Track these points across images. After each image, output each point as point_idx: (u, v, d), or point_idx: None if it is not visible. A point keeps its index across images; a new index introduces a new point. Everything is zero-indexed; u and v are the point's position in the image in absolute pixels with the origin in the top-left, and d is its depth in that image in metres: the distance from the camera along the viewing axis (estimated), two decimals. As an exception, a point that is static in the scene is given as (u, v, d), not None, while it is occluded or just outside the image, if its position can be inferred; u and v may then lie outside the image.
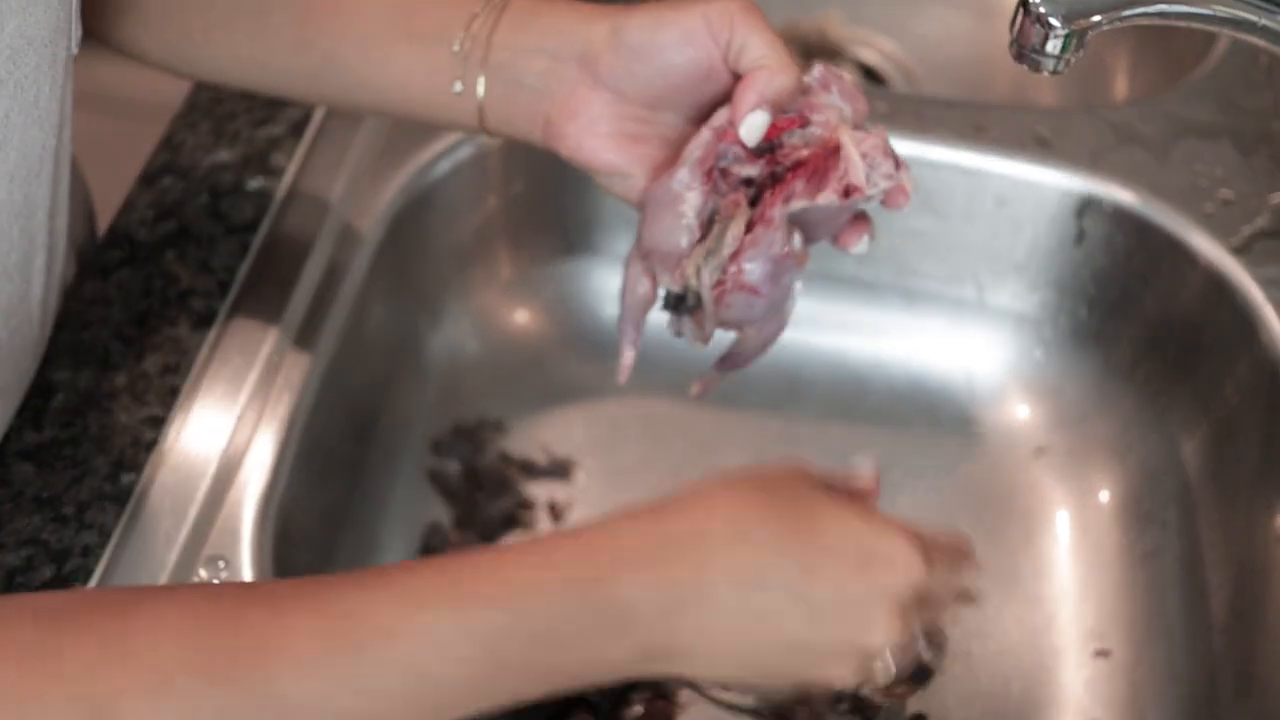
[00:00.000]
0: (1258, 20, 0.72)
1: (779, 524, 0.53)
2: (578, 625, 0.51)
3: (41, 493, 0.70)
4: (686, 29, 0.61)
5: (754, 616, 0.52)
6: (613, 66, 0.62)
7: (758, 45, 0.60)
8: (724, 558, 0.52)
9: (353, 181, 0.86)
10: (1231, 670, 0.80)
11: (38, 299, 0.70)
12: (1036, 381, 0.97)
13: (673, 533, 0.52)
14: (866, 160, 0.61)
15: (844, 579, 0.53)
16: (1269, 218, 0.89)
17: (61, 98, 0.67)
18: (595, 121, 0.63)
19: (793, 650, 0.54)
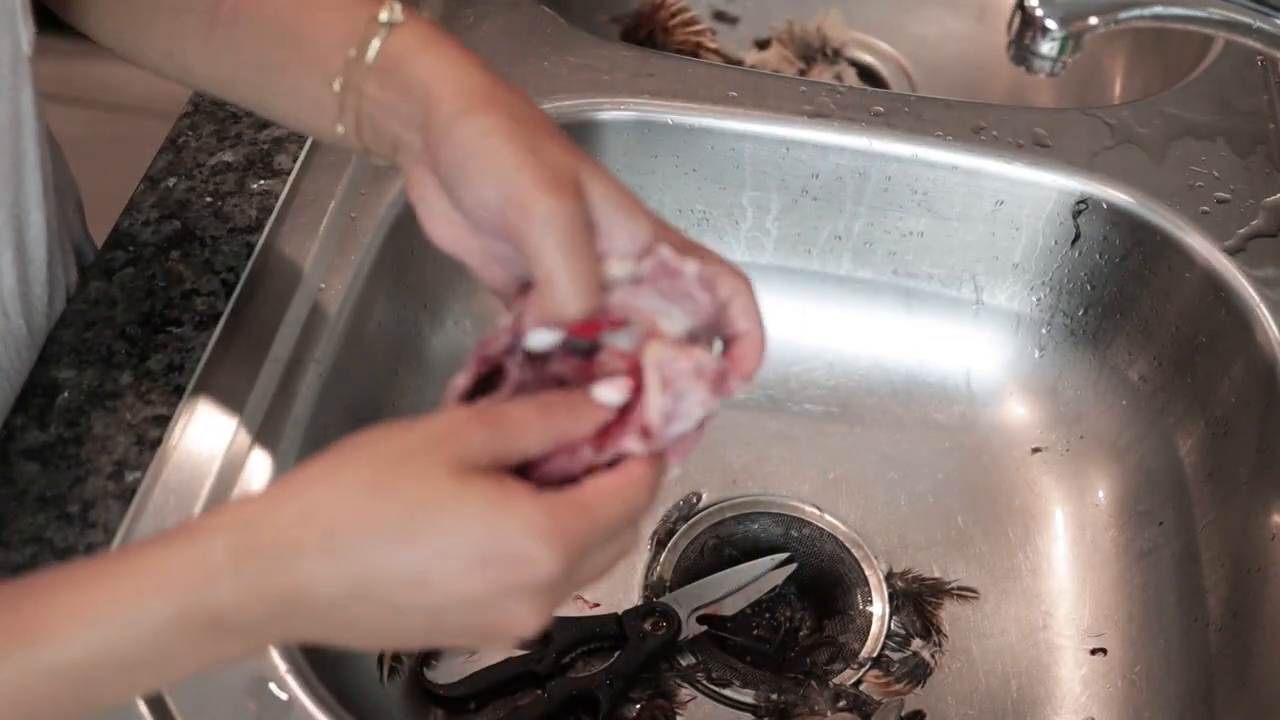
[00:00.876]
0: (1253, 22, 0.73)
1: (381, 531, 0.48)
2: (172, 645, 0.48)
3: (46, 491, 0.70)
4: (482, 198, 0.55)
5: (365, 621, 0.49)
6: (437, 166, 0.57)
7: (547, 259, 0.52)
8: (317, 574, 0.48)
9: (355, 182, 0.87)
10: (1228, 668, 0.80)
11: (10, 291, 0.71)
12: (1034, 381, 0.97)
13: (261, 543, 0.48)
14: (672, 390, 0.53)
15: (460, 583, 0.48)
16: (1265, 218, 0.90)
17: (15, 99, 0.67)
18: (430, 202, 0.58)
19: (426, 635, 0.51)
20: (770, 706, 0.81)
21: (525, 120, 0.56)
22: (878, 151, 0.93)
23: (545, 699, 0.79)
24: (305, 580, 0.48)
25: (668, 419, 0.53)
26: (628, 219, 0.55)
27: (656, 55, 1.01)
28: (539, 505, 0.49)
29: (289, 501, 0.49)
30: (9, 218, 0.69)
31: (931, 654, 0.85)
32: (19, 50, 0.66)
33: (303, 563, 0.48)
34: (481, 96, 0.56)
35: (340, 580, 0.48)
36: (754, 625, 0.86)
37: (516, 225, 0.53)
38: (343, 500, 0.49)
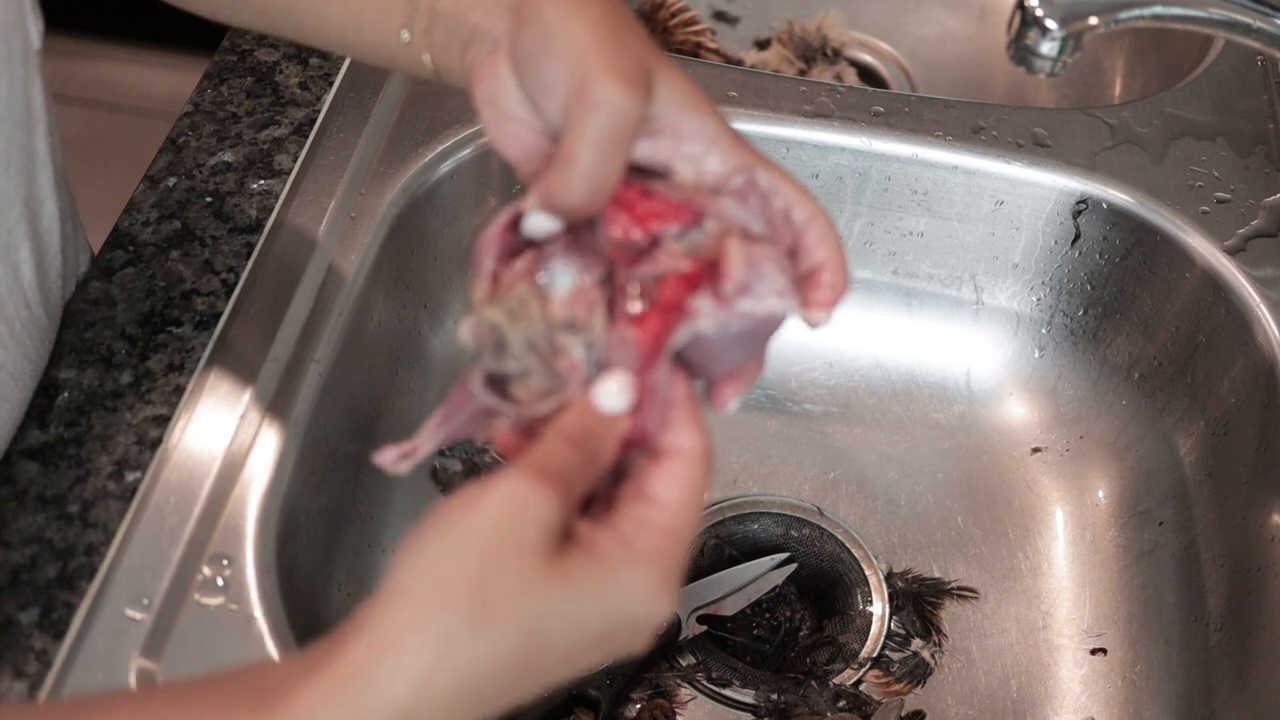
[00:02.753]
0: (1253, 23, 0.73)
1: (498, 666, 0.44)
2: None
3: (46, 491, 0.71)
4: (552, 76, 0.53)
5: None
6: (513, 51, 0.55)
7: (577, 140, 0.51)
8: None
9: (355, 182, 0.87)
10: (1227, 667, 0.80)
11: (30, 282, 0.71)
12: (1034, 381, 0.97)
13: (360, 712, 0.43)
14: (753, 268, 0.50)
15: (585, 659, 0.47)
16: (1265, 218, 0.90)
17: (27, 92, 0.67)
18: (498, 98, 0.56)
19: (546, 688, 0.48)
20: (770, 706, 0.81)
21: (614, 10, 0.54)
22: (878, 151, 0.93)
23: (545, 699, 0.79)
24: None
25: (742, 290, 0.50)
26: (696, 114, 0.54)
27: (656, 55, 1.01)
28: (638, 562, 0.46)
29: (392, 666, 0.43)
30: (24, 211, 0.69)
31: (931, 654, 0.85)
32: (29, 44, 0.66)
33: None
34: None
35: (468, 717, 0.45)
36: (754, 625, 0.86)
37: (571, 104, 0.52)
38: (451, 650, 0.44)
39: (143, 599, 0.67)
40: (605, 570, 0.46)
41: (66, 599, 0.67)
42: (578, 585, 0.45)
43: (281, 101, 0.90)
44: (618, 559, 0.46)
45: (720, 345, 0.51)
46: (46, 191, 0.72)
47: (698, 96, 0.55)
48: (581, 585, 0.45)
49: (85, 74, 2.10)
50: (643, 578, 0.46)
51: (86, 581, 0.67)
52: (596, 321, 0.50)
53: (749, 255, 0.50)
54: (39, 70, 0.68)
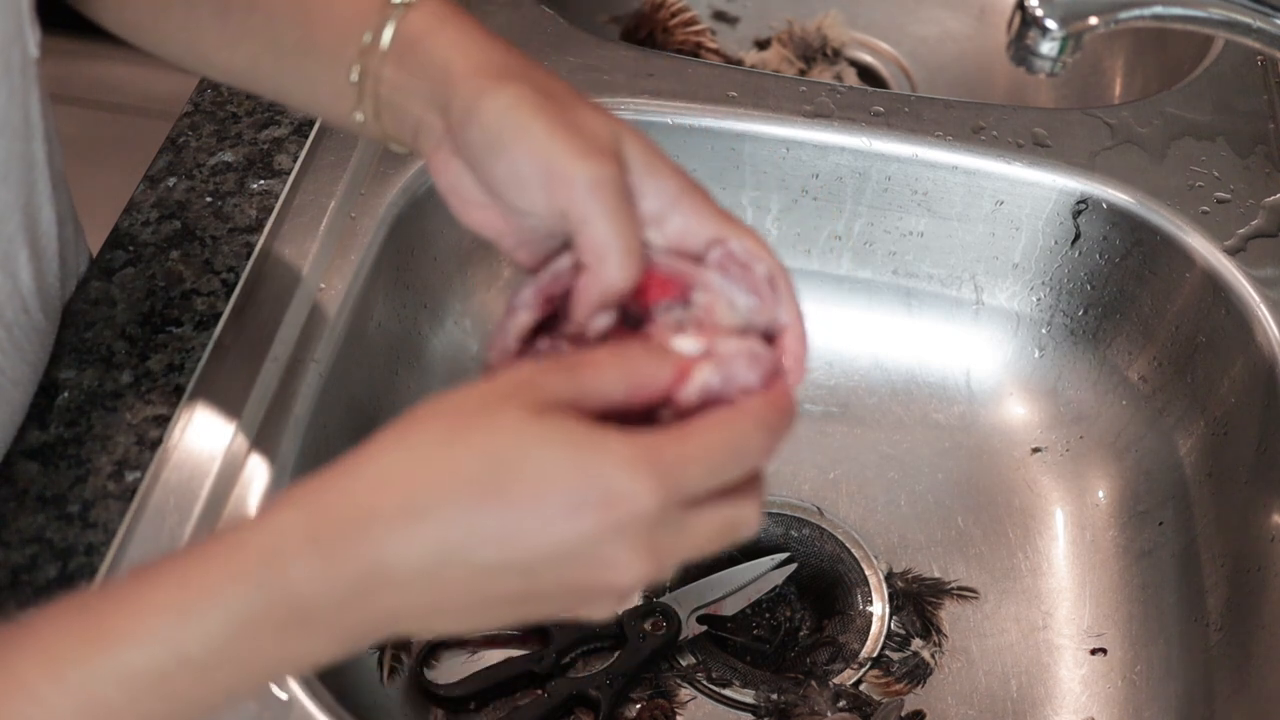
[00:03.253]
0: (1253, 23, 0.73)
1: (463, 488, 0.45)
2: (251, 639, 0.45)
3: (46, 491, 0.71)
4: (517, 174, 0.53)
5: (455, 591, 0.46)
6: (461, 151, 0.56)
7: (596, 227, 0.51)
8: (399, 543, 0.45)
9: (355, 182, 0.87)
10: (1227, 668, 0.80)
11: (29, 288, 0.71)
12: (1034, 381, 0.97)
13: (335, 516, 0.45)
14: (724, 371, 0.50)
15: (553, 531, 0.45)
16: (1265, 218, 0.90)
17: (25, 103, 0.67)
18: (458, 187, 0.57)
19: (522, 604, 0.47)
20: (770, 706, 0.81)
21: (550, 90, 0.55)
22: (878, 151, 0.93)
23: (545, 699, 0.79)
24: (386, 551, 0.45)
25: (712, 396, 0.50)
26: (654, 177, 0.54)
27: (656, 55, 1.01)
28: (629, 437, 0.45)
29: (361, 471, 0.46)
30: (23, 218, 0.69)
31: (931, 654, 0.85)
32: (27, 55, 0.66)
33: (381, 531, 0.45)
34: (502, 71, 0.55)
35: (424, 546, 0.45)
36: (754, 625, 0.86)
37: (559, 196, 0.52)
38: (418, 460, 0.45)
39: (143, 599, 0.67)
40: (592, 432, 0.45)
41: (66, 599, 0.67)
42: (556, 432, 0.45)
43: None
44: (606, 427, 0.46)
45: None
46: (44, 198, 0.72)
47: (656, 158, 0.54)
48: (560, 433, 0.45)
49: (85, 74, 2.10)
50: (625, 444, 0.45)
51: (86, 581, 0.67)
52: None
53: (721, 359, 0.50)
54: (37, 80, 0.68)
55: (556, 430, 0.45)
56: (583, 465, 0.45)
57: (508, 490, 0.45)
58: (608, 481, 0.45)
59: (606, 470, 0.45)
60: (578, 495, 0.45)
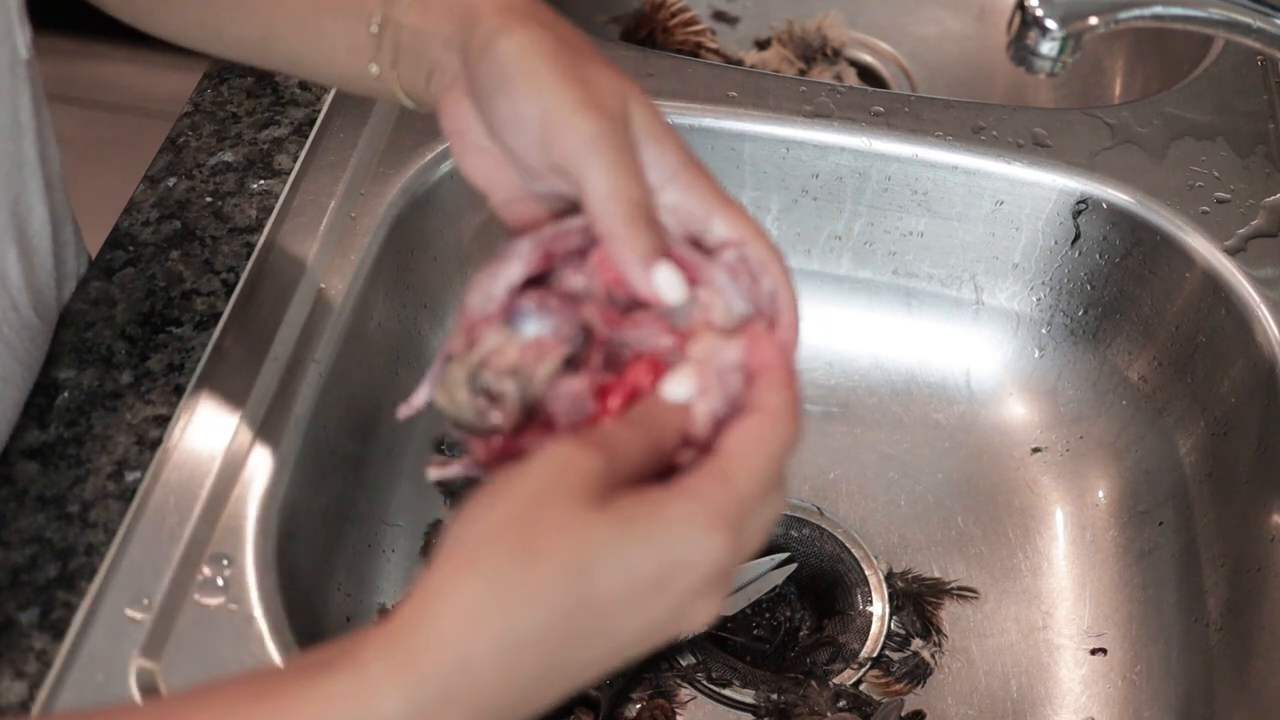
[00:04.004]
0: (1253, 23, 0.73)
1: (550, 607, 0.44)
2: None
3: (46, 491, 0.71)
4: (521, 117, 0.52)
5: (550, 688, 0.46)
6: (471, 90, 0.55)
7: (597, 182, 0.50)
8: (499, 682, 0.44)
9: (355, 182, 0.87)
10: (1228, 668, 0.80)
11: (17, 285, 0.71)
12: (1034, 381, 0.97)
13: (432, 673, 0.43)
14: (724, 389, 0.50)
15: (644, 616, 0.45)
16: (1265, 218, 0.90)
17: (14, 103, 0.67)
18: (463, 130, 0.56)
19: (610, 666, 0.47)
20: (770, 706, 0.81)
21: (568, 40, 0.54)
22: (878, 151, 0.93)
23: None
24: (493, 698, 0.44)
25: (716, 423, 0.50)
26: (656, 145, 0.53)
27: (656, 55, 1.01)
28: (686, 498, 0.45)
29: (442, 609, 0.43)
30: (11, 217, 0.69)
31: (931, 654, 0.85)
32: (16, 55, 0.66)
33: (483, 689, 0.43)
34: (522, 13, 0.55)
35: (527, 673, 0.44)
36: (754, 625, 0.86)
37: (557, 146, 0.51)
38: (498, 588, 0.43)
39: (143, 599, 0.67)
40: (652, 505, 0.45)
41: (66, 599, 0.67)
42: (623, 521, 0.44)
43: (281, 101, 0.90)
44: (666, 497, 0.45)
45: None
46: (35, 198, 0.72)
47: (660, 126, 0.54)
48: (627, 521, 0.44)
49: (85, 74, 2.10)
50: (690, 513, 0.45)
51: (86, 581, 0.67)
52: (542, 369, 0.51)
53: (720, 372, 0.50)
54: (28, 80, 0.68)
55: (620, 516, 0.45)
56: (655, 544, 0.45)
57: (594, 602, 0.44)
58: (682, 553, 0.45)
59: (678, 542, 0.45)
60: (658, 574, 0.45)
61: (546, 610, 0.44)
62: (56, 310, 0.77)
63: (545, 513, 0.44)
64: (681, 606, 0.46)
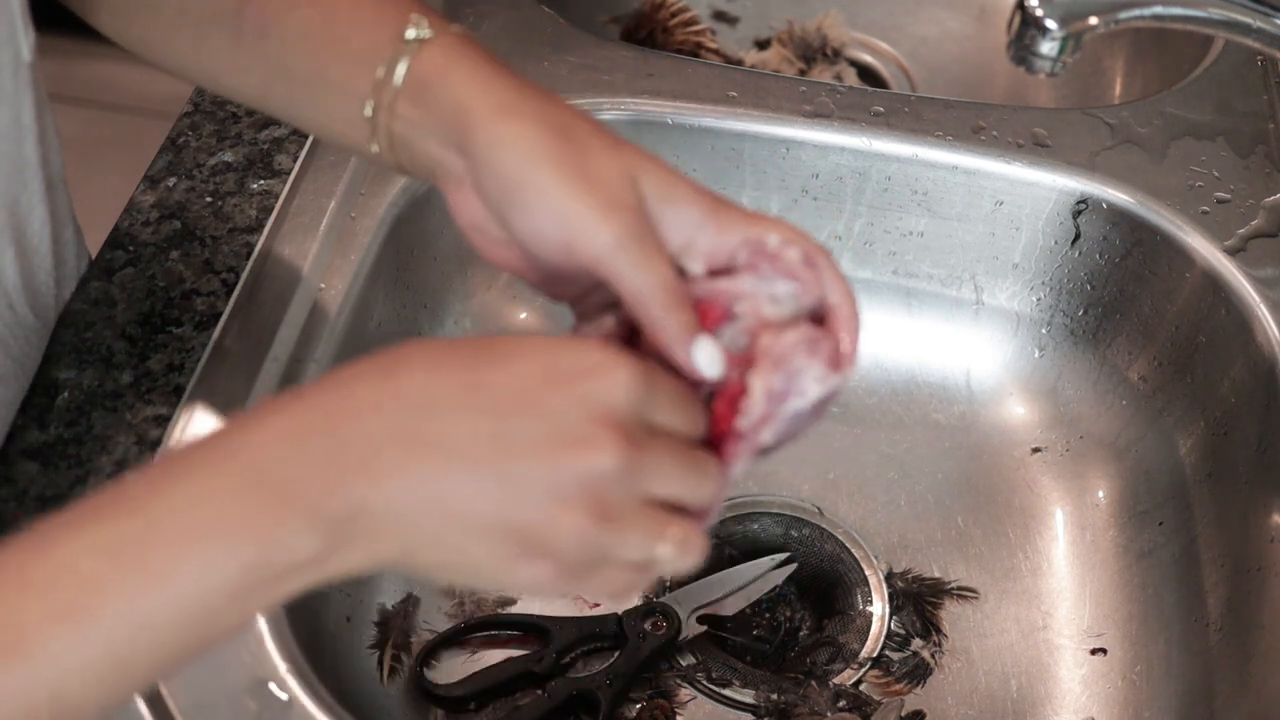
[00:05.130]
0: (1253, 23, 0.73)
1: (452, 359, 0.47)
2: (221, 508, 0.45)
3: (46, 491, 0.71)
4: (539, 231, 0.54)
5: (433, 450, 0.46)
6: (484, 195, 0.56)
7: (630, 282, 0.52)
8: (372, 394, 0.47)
9: (355, 182, 0.87)
10: (1227, 668, 0.80)
11: (14, 285, 0.71)
12: (1034, 381, 0.97)
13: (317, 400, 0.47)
14: (785, 369, 0.51)
15: (529, 392, 0.46)
16: (1265, 218, 0.90)
17: (16, 105, 0.67)
18: (479, 226, 0.57)
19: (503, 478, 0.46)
20: (770, 706, 0.81)
21: (564, 129, 0.54)
22: (878, 151, 0.93)
23: (545, 699, 0.79)
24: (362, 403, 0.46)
25: (780, 398, 0.51)
26: (673, 207, 0.54)
27: (656, 55, 1.01)
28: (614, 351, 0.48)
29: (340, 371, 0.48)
30: (9, 217, 0.69)
31: (931, 654, 0.85)
32: (19, 58, 0.66)
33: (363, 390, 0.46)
34: (515, 111, 0.55)
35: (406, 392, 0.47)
36: (754, 625, 0.86)
37: (583, 256, 0.53)
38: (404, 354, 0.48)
39: (143, 599, 0.67)
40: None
41: (66, 599, 0.67)
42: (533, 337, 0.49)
43: (281, 101, 0.90)
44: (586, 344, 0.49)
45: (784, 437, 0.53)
46: (36, 199, 0.72)
47: (674, 187, 0.54)
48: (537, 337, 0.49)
49: (85, 74, 2.10)
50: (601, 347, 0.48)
51: (86, 581, 0.67)
52: None
53: (778, 358, 0.51)
54: (29, 83, 0.68)
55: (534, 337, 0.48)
56: (564, 345, 0.48)
57: (496, 355, 0.47)
58: (589, 358, 0.47)
59: (587, 351, 0.48)
60: (559, 365, 0.47)
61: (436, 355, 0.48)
62: (55, 310, 0.78)
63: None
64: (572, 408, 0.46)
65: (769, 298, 0.53)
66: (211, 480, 0.46)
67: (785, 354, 0.51)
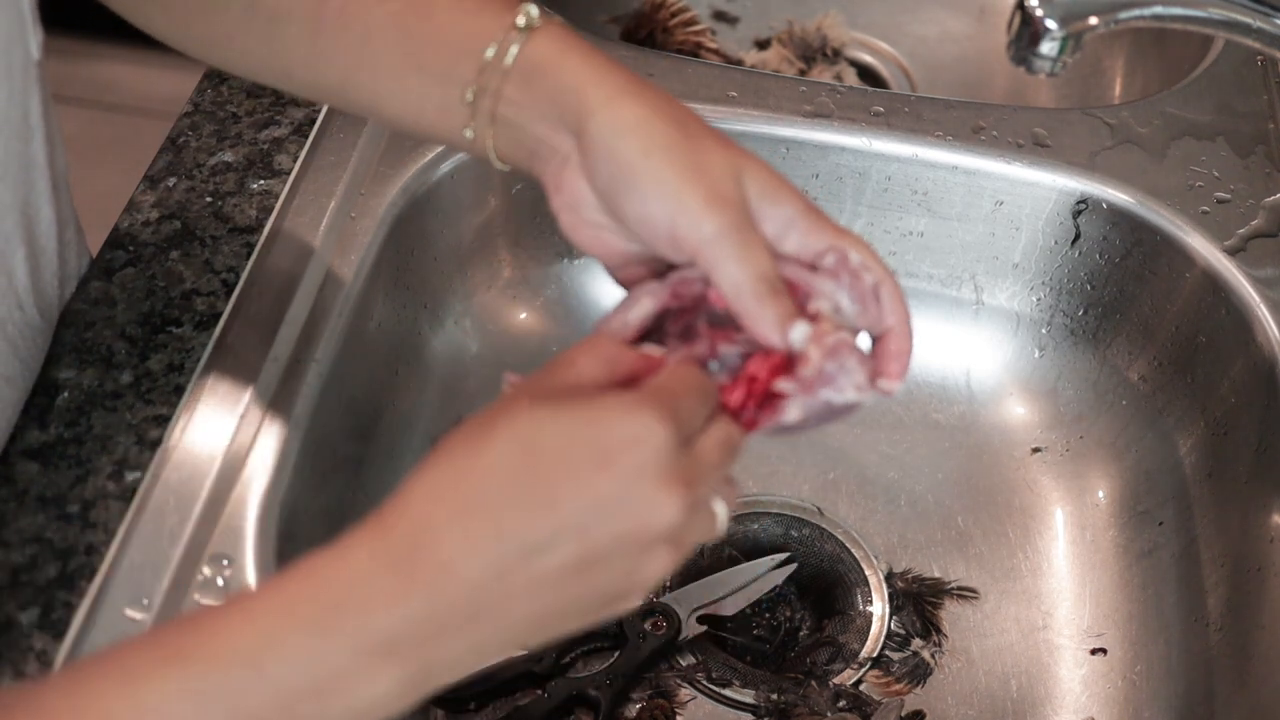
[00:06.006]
0: (1252, 23, 0.73)
1: (500, 478, 0.48)
2: (329, 666, 0.47)
3: (46, 491, 0.71)
4: (648, 216, 0.56)
5: (520, 575, 0.48)
6: (589, 175, 0.58)
7: (729, 273, 0.55)
8: (458, 540, 0.48)
9: (355, 182, 0.87)
10: (1228, 668, 0.80)
11: (24, 287, 0.72)
12: (1034, 381, 0.97)
13: (399, 536, 0.48)
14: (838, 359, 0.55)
15: (589, 488, 0.48)
16: (1265, 218, 0.90)
17: (25, 104, 0.67)
18: (576, 206, 0.59)
19: (587, 572, 0.49)
20: (770, 706, 0.81)
21: (678, 120, 0.57)
22: (878, 151, 0.93)
23: (545, 699, 0.79)
24: (447, 550, 0.48)
25: (826, 380, 0.54)
26: (772, 204, 0.57)
27: (656, 55, 1.01)
28: (619, 393, 0.50)
29: (410, 498, 0.49)
30: (20, 218, 0.69)
31: (931, 654, 0.85)
32: (28, 56, 0.66)
33: (440, 536, 0.48)
34: (631, 95, 0.57)
35: (480, 535, 0.48)
36: (754, 625, 0.86)
37: (687, 243, 0.55)
38: (455, 472, 0.49)
39: (143, 599, 0.67)
40: (589, 395, 0.50)
41: (66, 599, 0.67)
42: (563, 406, 0.49)
43: (281, 101, 0.90)
44: (597, 390, 0.51)
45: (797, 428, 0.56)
46: (43, 199, 0.72)
47: (775, 186, 0.57)
48: (566, 405, 0.49)
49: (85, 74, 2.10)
50: (621, 398, 0.50)
51: (86, 581, 0.67)
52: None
53: (832, 347, 0.55)
54: (38, 81, 0.68)
55: (559, 404, 0.49)
56: (593, 423, 0.49)
57: (537, 467, 0.48)
58: (620, 429, 0.49)
59: (615, 420, 0.49)
60: (600, 449, 0.48)
61: (493, 476, 0.48)
62: (58, 310, 0.78)
63: (495, 415, 0.50)
64: (631, 486, 0.48)
65: (835, 306, 0.56)
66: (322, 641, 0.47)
67: (842, 349, 0.55)
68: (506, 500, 0.48)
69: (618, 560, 0.49)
